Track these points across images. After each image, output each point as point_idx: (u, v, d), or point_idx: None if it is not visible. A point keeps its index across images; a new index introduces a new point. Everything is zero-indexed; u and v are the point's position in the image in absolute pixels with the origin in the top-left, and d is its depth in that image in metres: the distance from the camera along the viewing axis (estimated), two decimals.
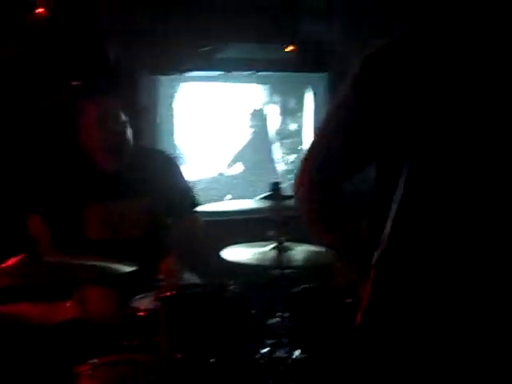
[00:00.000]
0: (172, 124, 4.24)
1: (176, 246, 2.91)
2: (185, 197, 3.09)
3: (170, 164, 3.12)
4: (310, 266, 2.82)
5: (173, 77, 4.21)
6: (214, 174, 4.52)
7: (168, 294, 2.41)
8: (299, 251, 2.77)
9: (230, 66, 4.22)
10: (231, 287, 2.48)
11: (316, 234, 1.63)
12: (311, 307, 2.63)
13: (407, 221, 1.26)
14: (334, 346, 2.39)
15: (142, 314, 2.46)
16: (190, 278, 2.94)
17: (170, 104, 4.23)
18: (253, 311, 2.47)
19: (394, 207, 1.24)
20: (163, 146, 4.06)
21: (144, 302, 2.53)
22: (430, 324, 1.44)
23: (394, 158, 1.45)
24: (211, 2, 3.94)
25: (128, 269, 2.49)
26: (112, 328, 2.50)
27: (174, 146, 4.21)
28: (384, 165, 1.52)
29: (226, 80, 4.37)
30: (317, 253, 2.74)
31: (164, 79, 4.18)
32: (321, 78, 4.38)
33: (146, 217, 2.97)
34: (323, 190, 1.57)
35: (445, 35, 1.42)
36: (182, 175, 3.14)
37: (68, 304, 2.78)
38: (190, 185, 3.20)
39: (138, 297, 2.59)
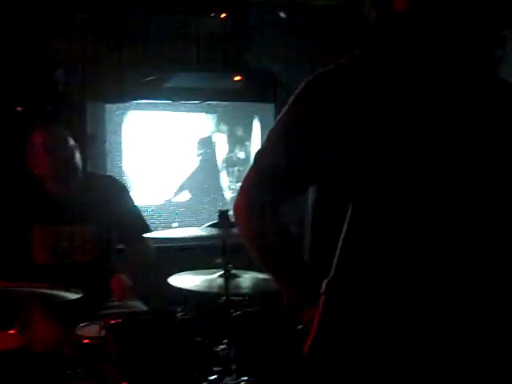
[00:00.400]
0: (120, 151, 4.24)
1: (127, 272, 2.90)
2: (135, 222, 3.09)
3: (119, 189, 3.13)
4: (258, 294, 2.84)
5: (120, 105, 4.21)
6: (161, 201, 4.52)
7: (114, 321, 2.39)
8: (246, 278, 2.78)
9: (177, 96, 4.24)
10: (179, 314, 2.47)
11: (260, 261, 1.60)
12: (251, 331, 2.64)
13: (356, 248, 1.27)
14: (282, 373, 2.40)
15: (86, 341, 2.43)
16: (137, 304, 2.92)
17: (118, 131, 4.22)
18: (200, 338, 2.47)
19: (342, 234, 1.24)
20: (111, 171, 4.05)
21: (89, 330, 2.50)
22: (378, 353, 1.46)
23: (336, 181, 1.47)
24: (158, 31, 3.97)
25: (74, 296, 2.48)
26: (56, 356, 2.46)
27: (121, 173, 4.20)
28: (324, 188, 1.53)
29: (174, 109, 4.39)
30: (264, 280, 2.76)
31: (112, 107, 4.18)
32: (267, 107, 4.45)
33: (95, 242, 2.95)
34: (264, 216, 1.54)
35: (384, 63, 1.46)
36: (131, 201, 3.14)
37: (11, 332, 2.72)
38: (140, 211, 3.19)
39: (82, 324, 2.55)
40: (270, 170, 1.52)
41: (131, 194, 3.22)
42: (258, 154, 1.57)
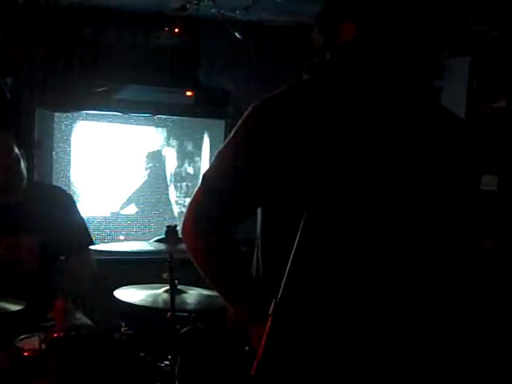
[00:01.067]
0: (68, 160, 4.19)
1: (68, 283, 2.85)
2: (79, 234, 3.05)
3: (65, 200, 3.08)
4: (203, 310, 2.84)
5: (70, 114, 4.17)
6: (108, 213, 4.48)
7: (55, 335, 2.35)
8: (192, 295, 2.78)
9: (127, 108, 4.22)
10: (122, 329, 2.45)
11: (209, 280, 1.59)
12: (198, 348, 2.64)
13: (304, 270, 1.29)
14: None
15: (26, 354, 2.38)
16: (81, 318, 2.88)
17: (67, 141, 4.17)
18: (144, 354, 2.45)
19: (291, 257, 1.26)
20: (58, 181, 4.00)
21: (30, 342, 2.46)
22: (324, 375, 1.48)
23: (282, 204, 1.48)
24: (111, 43, 3.95)
25: (14, 307, 2.43)
26: None
27: (69, 183, 4.15)
28: (270, 211, 1.53)
29: (124, 121, 4.37)
30: (209, 297, 2.76)
31: (60, 116, 4.13)
32: (218, 124, 4.47)
33: (38, 252, 2.90)
34: (212, 236, 1.54)
35: (330, 90, 1.48)
36: (77, 212, 3.10)
37: None
38: (85, 222, 3.16)
39: (23, 336, 2.50)
40: (216, 192, 1.52)
41: (78, 204, 3.18)
42: (206, 175, 1.57)
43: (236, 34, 3.74)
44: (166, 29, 4.01)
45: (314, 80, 1.53)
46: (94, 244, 3.05)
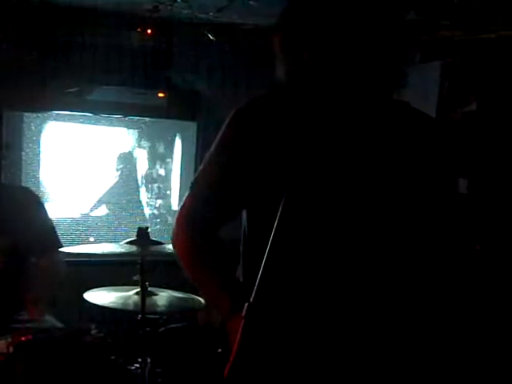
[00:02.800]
0: (37, 161, 4.14)
1: (36, 285, 2.82)
2: (47, 236, 3.02)
3: (32, 202, 3.04)
4: (173, 312, 2.83)
5: (39, 115, 4.12)
6: (77, 214, 4.44)
7: (23, 338, 2.32)
8: (163, 297, 2.77)
9: (99, 109, 4.19)
10: (92, 331, 2.42)
11: (195, 281, 1.62)
12: (169, 349, 2.63)
13: (276, 273, 1.29)
14: None
15: None
16: (50, 320, 2.85)
17: (36, 141, 4.13)
18: (114, 356, 2.43)
19: (264, 259, 1.27)
20: (27, 182, 3.94)
21: None
22: (297, 378, 1.49)
23: (265, 206, 1.49)
24: (83, 42, 3.92)
25: None
26: None
27: (38, 184, 4.10)
28: (254, 212, 1.58)
29: (95, 122, 4.34)
30: (180, 298, 2.76)
31: (29, 116, 4.08)
32: (190, 126, 4.46)
33: (5, 254, 2.86)
34: (201, 237, 1.58)
35: (306, 97, 1.51)
36: (45, 214, 3.07)
37: None
38: (53, 225, 3.12)
39: None
40: (205, 193, 1.57)
41: (46, 206, 3.15)
42: (194, 180, 1.61)
43: (209, 35, 3.73)
44: (139, 30, 3.99)
45: (291, 87, 1.56)
46: (61, 246, 3.02)
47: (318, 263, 1.50)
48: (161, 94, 4.22)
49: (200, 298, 2.70)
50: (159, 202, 4.67)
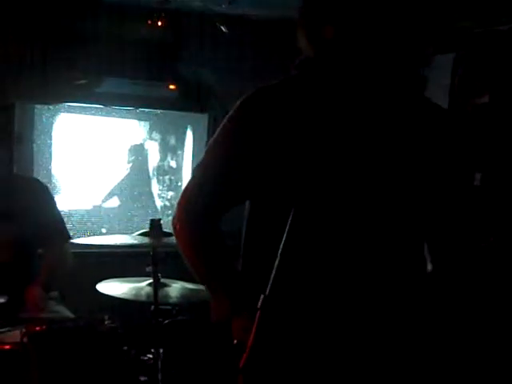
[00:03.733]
0: (49, 153, 4.15)
1: (44, 276, 2.83)
2: (56, 227, 3.03)
3: (42, 193, 3.05)
4: (186, 303, 2.84)
5: (51, 107, 4.13)
6: (89, 206, 4.45)
7: (37, 328, 2.33)
8: (175, 288, 2.78)
9: (110, 101, 4.20)
10: (105, 322, 2.44)
11: (195, 270, 1.60)
12: (182, 340, 2.64)
13: (293, 266, 1.29)
14: None
15: (7, 347, 2.36)
16: (62, 311, 2.87)
17: (48, 133, 4.14)
18: (127, 347, 2.44)
19: (279, 253, 1.26)
20: (39, 174, 3.95)
21: (11, 336, 2.43)
22: (313, 370, 1.49)
23: (270, 197, 1.49)
24: (94, 34, 3.92)
25: None
26: None
27: (50, 175, 4.11)
28: (258, 203, 1.56)
29: (107, 114, 4.34)
30: (192, 290, 2.76)
31: (41, 108, 4.09)
32: (201, 117, 4.46)
33: (12, 243, 2.88)
34: (201, 225, 1.56)
35: (319, 84, 1.49)
36: (54, 205, 3.08)
37: None
38: (62, 216, 3.13)
39: (3, 329, 2.48)
40: (207, 181, 1.54)
41: (58, 197, 3.16)
42: (196, 168, 1.59)
43: (222, 27, 3.73)
44: (150, 22, 3.99)
45: (302, 76, 1.54)
46: (70, 237, 3.04)
47: (332, 257, 1.49)
48: (172, 86, 4.22)
49: None
50: (170, 193, 4.68)
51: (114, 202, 4.56)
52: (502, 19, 3.48)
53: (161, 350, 2.56)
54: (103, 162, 4.41)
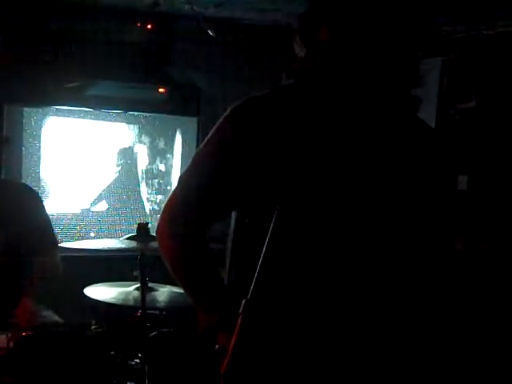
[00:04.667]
0: (38, 156, 4.14)
1: (35, 285, 2.82)
2: (45, 233, 3.00)
3: (31, 198, 3.03)
4: (173, 308, 2.83)
5: (39, 109, 4.13)
6: (78, 210, 4.44)
7: (23, 333, 2.33)
8: (163, 292, 2.78)
9: (99, 104, 4.19)
10: (92, 326, 2.43)
11: (180, 281, 1.59)
12: (167, 352, 2.63)
13: (274, 270, 1.29)
14: None
15: None
16: (50, 315, 2.86)
17: (36, 136, 4.13)
18: (113, 352, 2.44)
19: (261, 256, 1.26)
20: (27, 178, 3.94)
21: None
22: (294, 374, 1.49)
23: (256, 206, 1.48)
24: (82, 38, 3.92)
25: None
26: None
27: (38, 178, 4.11)
28: (244, 212, 1.54)
29: (95, 117, 4.34)
30: (180, 294, 2.76)
31: (29, 111, 4.08)
32: (190, 121, 4.46)
33: (3, 248, 2.86)
34: (185, 238, 1.54)
35: (308, 96, 1.49)
36: (44, 211, 3.05)
37: None
38: (51, 222, 3.11)
39: None
40: (192, 193, 1.52)
41: (46, 201, 3.15)
42: (182, 175, 1.57)
43: (209, 31, 3.73)
44: (139, 24, 3.99)
45: (294, 86, 1.54)
46: (58, 243, 3.02)
47: (315, 261, 1.49)
48: (161, 90, 4.23)
49: None
50: (159, 197, 4.68)
51: (103, 206, 4.55)
52: (490, 23, 3.50)
53: (147, 356, 2.55)
54: (92, 166, 4.40)
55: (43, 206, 3.07)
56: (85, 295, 2.65)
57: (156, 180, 4.69)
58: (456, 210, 1.64)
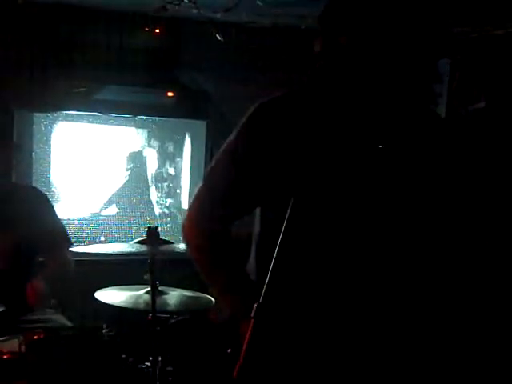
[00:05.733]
0: (48, 161, 4.16)
1: (46, 281, 2.85)
2: (57, 233, 3.05)
3: (41, 201, 3.07)
4: (184, 311, 2.84)
5: (49, 115, 4.14)
6: (88, 214, 4.46)
7: (35, 337, 2.34)
8: (173, 296, 2.78)
9: (108, 109, 4.20)
10: (103, 330, 2.44)
11: (207, 278, 1.64)
12: (177, 348, 2.63)
13: (285, 274, 1.30)
14: None
15: (5, 357, 2.36)
16: (60, 319, 2.87)
17: (46, 141, 4.15)
18: (125, 355, 2.44)
19: (273, 260, 1.27)
20: (38, 182, 3.96)
21: (9, 344, 2.43)
22: (305, 378, 1.50)
23: (277, 205, 1.50)
24: (92, 42, 3.94)
25: None
26: None
27: (48, 183, 4.12)
28: (268, 210, 1.57)
29: (105, 122, 4.35)
30: (191, 298, 2.77)
31: (40, 116, 4.10)
32: (199, 124, 4.46)
33: (12, 250, 2.89)
34: (211, 236, 1.59)
35: (324, 99, 1.50)
36: (53, 213, 3.10)
37: None
38: (62, 223, 3.15)
39: (1, 338, 2.48)
40: (217, 191, 1.57)
41: (57, 205, 3.18)
42: (208, 173, 1.62)
43: (217, 35, 3.74)
44: (147, 29, 4.00)
45: (304, 89, 1.55)
46: (71, 244, 3.06)
47: (325, 265, 1.50)
48: (170, 94, 4.23)
49: (210, 297, 2.71)
50: (169, 200, 4.69)
51: (113, 210, 4.56)
52: (498, 24, 3.49)
53: (159, 358, 2.56)
54: (102, 170, 4.42)
55: (52, 206, 3.13)
56: (95, 299, 2.65)
57: (165, 184, 4.70)
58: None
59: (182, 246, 1.65)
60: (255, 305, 1.27)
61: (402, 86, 1.48)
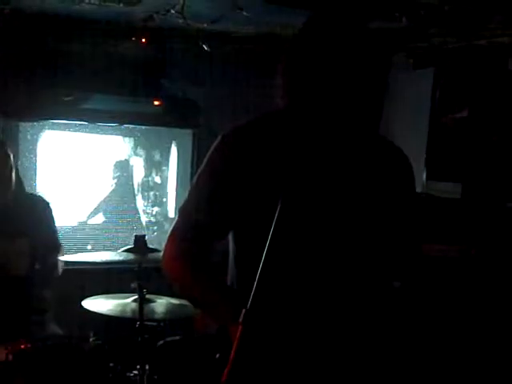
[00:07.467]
0: (34, 170, 4.17)
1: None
2: (54, 238, 3.19)
3: (46, 207, 3.19)
4: (171, 319, 2.84)
5: (35, 124, 4.15)
6: (75, 223, 4.46)
7: (22, 346, 2.34)
8: (160, 304, 2.79)
9: (94, 118, 4.21)
10: (91, 339, 2.44)
11: (189, 295, 1.66)
12: (175, 360, 2.64)
13: (272, 281, 1.32)
14: None
15: None
16: (54, 329, 2.89)
17: (32, 150, 4.15)
18: (112, 364, 2.44)
19: (260, 268, 1.30)
20: None
21: None
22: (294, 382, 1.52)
23: (253, 226, 1.53)
24: (79, 51, 3.95)
25: None
26: None
27: (34, 192, 4.11)
28: (241, 231, 1.61)
29: (91, 131, 4.36)
30: (178, 306, 2.77)
31: (25, 126, 4.11)
32: (186, 133, 4.48)
33: (28, 256, 3.00)
34: (190, 257, 1.60)
35: (292, 124, 1.52)
36: (53, 218, 3.22)
37: None
38: (57, 229, 3.26)
39: None
40: (191, 222, 1.60)
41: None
42: (181, 207, 1.65)
43: (204, 46, 3.76)
44: (134, 39, 4.02)
45: (275, 114, 1.58)
46: (62, 250, 3.18)
47: (311, 271, 1.53)
48: (156, 102, 4.25)
49: None
50: (156, 209, 4.70)
51: (99, 219, 4.56)
52: (481, 34, 3.54)
53: (146, 366, 2.56)
54: (88, 179, 4.43)
55: (53, 213, 3.24)
56: (83, 308, 2.65)
57: (152, 192, 4.71)
58: (417, 216, 1.72)
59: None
60: (243, 311, 1.29)
61: (350, 113, 1.52)
